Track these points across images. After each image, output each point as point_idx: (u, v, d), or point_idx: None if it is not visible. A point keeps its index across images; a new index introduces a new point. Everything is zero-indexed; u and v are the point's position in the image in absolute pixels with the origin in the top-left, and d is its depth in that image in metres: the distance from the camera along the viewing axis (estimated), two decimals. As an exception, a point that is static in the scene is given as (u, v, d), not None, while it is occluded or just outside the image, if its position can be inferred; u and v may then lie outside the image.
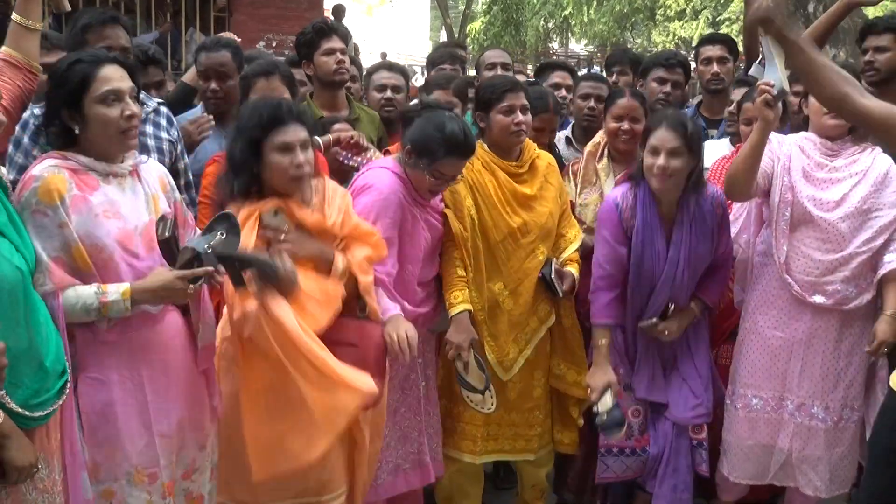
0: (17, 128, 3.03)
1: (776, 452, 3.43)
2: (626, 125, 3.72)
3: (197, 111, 4.08)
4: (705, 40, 5.04)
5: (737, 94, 4.22)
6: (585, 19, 24.39)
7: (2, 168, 2.56)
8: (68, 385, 2.37)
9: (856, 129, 3.41)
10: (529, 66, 27.60)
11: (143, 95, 3.56)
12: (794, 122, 3.97)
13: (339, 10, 12.52)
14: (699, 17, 23.26)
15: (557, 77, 4.76)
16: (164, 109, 3.62)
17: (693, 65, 5.35)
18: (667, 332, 3.46)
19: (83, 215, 2.45)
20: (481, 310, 3.40)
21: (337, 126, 3.67)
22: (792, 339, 3.38)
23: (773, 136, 3.46)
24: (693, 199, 3.43)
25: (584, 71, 22.91)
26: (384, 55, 21.88)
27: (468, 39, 26.08)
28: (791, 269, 3.36)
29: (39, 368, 2.25)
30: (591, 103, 4.22)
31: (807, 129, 3.54)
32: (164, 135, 3.52)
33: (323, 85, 4.17)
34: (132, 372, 2.54)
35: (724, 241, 3.53)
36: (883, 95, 3.90)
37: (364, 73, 5.11)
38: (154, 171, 2.77)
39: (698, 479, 3.73)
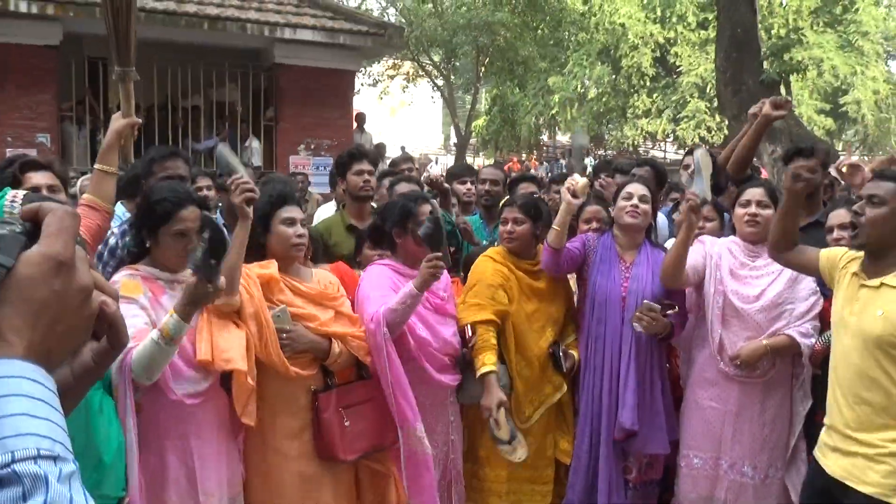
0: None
1: (714, 502, 3.43)
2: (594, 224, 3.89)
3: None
4: (690, 150, 5.15)
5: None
6: (569, 117, 24.62)
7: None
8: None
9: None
10: (523, 154, 28.07)
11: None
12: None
13: (361, 117, 12.79)
14: (662, 115, 23.49)
15: (523, 188, 4.83)
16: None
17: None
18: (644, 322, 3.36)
19: (157, 312, 2.58)
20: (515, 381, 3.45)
21: None
22: (724, 409, 3.40)
23: (707, 238, 3.58)
24: (649, 245, 3.60)
25: (564, 160, 23.15)
26: (403, 148, 22.22)
27: (472, 134, 26.44)
28: (721, 351, 3.40)
29: (99, 463, 2.31)
30: None
31: None
32: None
33: (353, 199, 4.31)
34: (184, 441, 2.63)
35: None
36: (804, 207, 3.99)
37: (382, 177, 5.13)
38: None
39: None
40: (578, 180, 3.45)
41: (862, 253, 2.75)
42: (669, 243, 4.08)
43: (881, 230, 2.62)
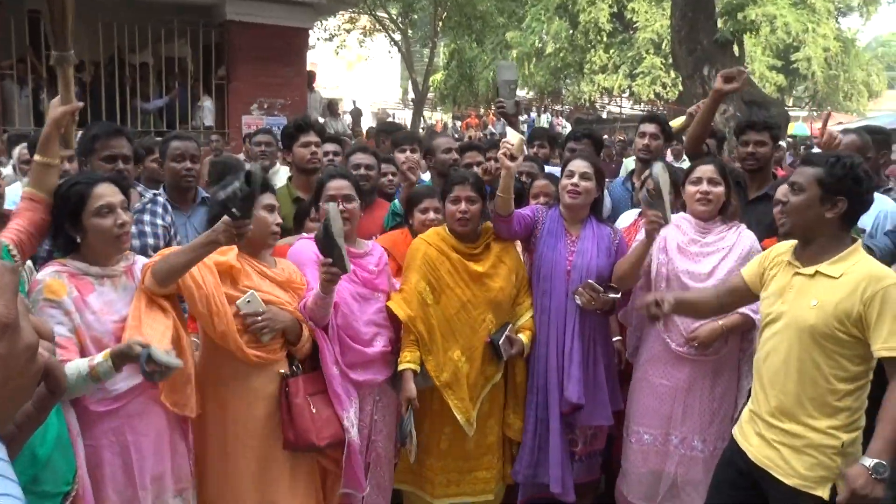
0: None
1: (664, 477, 3.44)
2: (542, 199, 3.82)
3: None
4: (645, 118, 5.03)
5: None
6: (527, 72, 24.41)
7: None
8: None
9: (725, 211, 3.47)
10: (482, 109, 27.82)
11: (140, 188, 3.57)
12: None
13: (310, 75, 12.44)
14: (618, 70, 23.43)
15: (469, 157, 4.72)
16: (160, 199, 3.60)
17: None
18: (584, 299, 3.35)
19: (83, 313, 2.45)
20: (450, 374, 3.33)
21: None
22: (675, 386, 3.40)
23: None
24: (594, 220, 3.55)
25: (525, 116, 23.04)
26: (354, 102, 21.84)
27: (430, 89, 26.08)
28: (669, 329, 3.38)
29: (33, 458, 2.20)
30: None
31: None
32: (159, 221, 3.51)
33: (299, 171, 4.17)
34: (118, 436, 2.53)
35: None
36: (753, 179, 3.98)
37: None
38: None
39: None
40: (512, 139, 3.27)
41: (790, 243, 2.72)
42: (629, 215, 4.05)
43: (803, 217, 2.56)
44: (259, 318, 2.82)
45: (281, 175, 5.03)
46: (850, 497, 2.33)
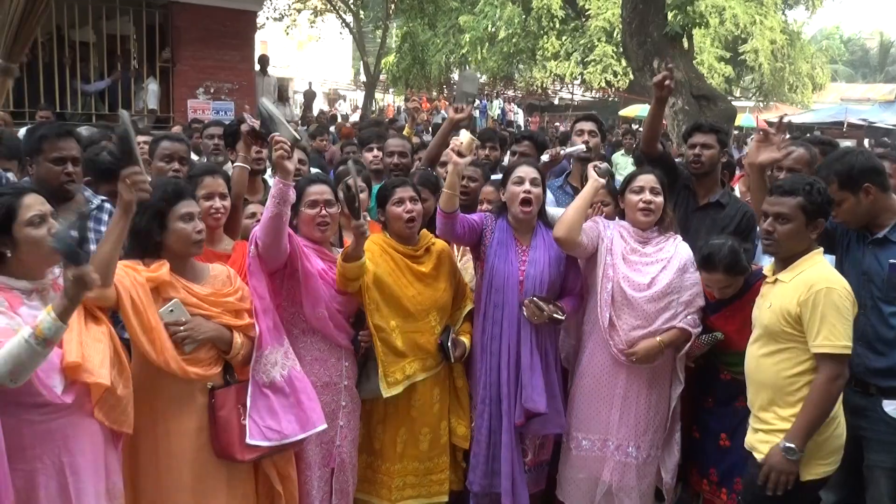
0: None
1: (600, 484, 3.48)
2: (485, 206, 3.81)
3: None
4: (582, 118, 5.05)
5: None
6: (480, 57, 24.37)
7: None
8: None
9: (662, 221, 3.50)
10: (434, 92, 27.70)
11: (88, 193, 3.44)
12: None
13: (264, 59, 12.21)
14: (570, 58, 23.53)
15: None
16: (107, 206, 3.47)
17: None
18: (529, 312, 3.36)
19: (14, 322, 2.35)
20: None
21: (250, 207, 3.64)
22: (612, 393, 3.44)
23: (599, 219, 3.57)
24: (543, 227, 3.53)
25: (477, 101, 22.99)
26: (310, 84, 21.57)
27: (382, 71, 25.87)
28: (612, 334, 3.40)
29: None
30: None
31: None
32: (103, 228, 3.38)
33: None
34: (52, 458, 2.42)
35: (572, 269, 3.56)
36: (701, 183, 4.01)
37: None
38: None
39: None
40: (462, 138, 3.30)
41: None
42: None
43: (793, 243, 2.90)
44: (181, 327, 2.76)
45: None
46: (768, 471, 2.81)
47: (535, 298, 3.35)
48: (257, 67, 11.66)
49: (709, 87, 12.56)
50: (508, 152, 5.07)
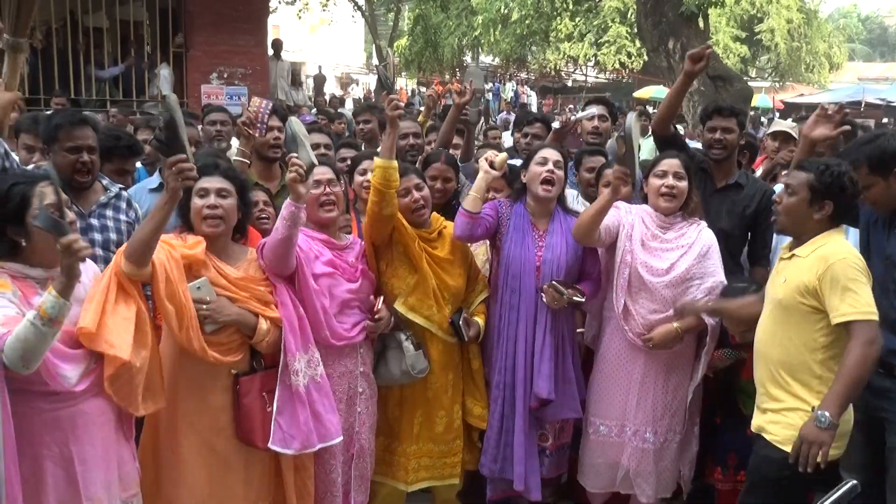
0: None
1: (620, 468, 3.49)
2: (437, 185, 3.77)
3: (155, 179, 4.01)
4: (592, 100, 4.97)
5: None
6: (493, 39, 24.24)
7: None
8: None
9: (686, 206, 3.47)
10: (447, 75, 27.56)
11: (106, 181, 3.45)
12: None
13: (277, 44, 12.18)
14: (584, 39, 23.38)
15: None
16: (125, 194, 3.47)
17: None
18: (549, 297, 3.35)
19: (27, 311, 2.35)
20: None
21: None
22: (630, 379, 3.44)
23: (622, 204, 3.48)
24: (562, 212, 3.52)
25: (490, 84, 22.90)
26: (320, 68, 21.48)
27: (395, 54, 25.77)
28: (627, 320, 3.39)
29: None
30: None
31: None
32: (122, 217, 3.39)
33: (260, 157, 4.05)
34: (61, 448, 2.45)
35: (589, 254, 3.53)
36: (720, 166, 3.95)
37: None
38: (90, 270, 2.67)
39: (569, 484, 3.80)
40: (500, 156, 3.39)
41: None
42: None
43: (793, 216, 2.84)
44: (204, 306, 2.77)
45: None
46: (798, 444, 2.65)
47: (554, 283, 3.34)
48: (270, 52, 11.63)
49: (724, 68, 12.43)
50: (516, 133, 5.01)
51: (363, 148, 4.86)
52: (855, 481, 1.09)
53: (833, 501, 1.04)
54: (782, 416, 2.79)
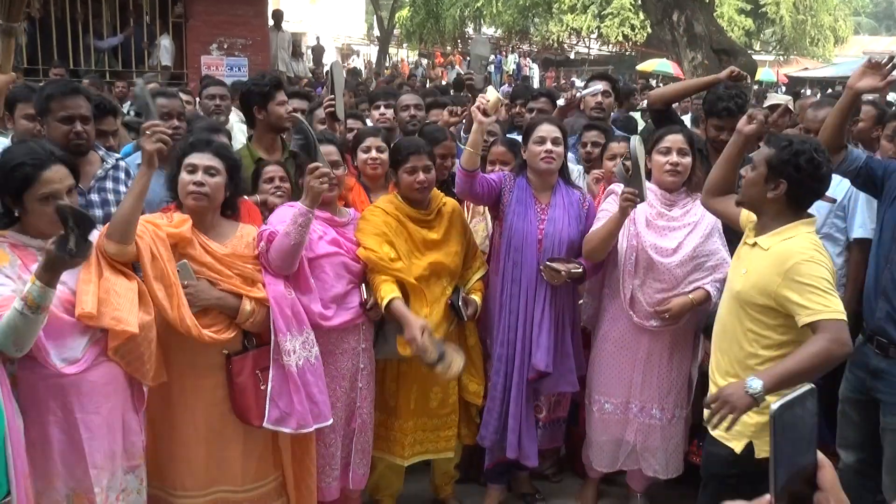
0: None
1: (623, 444, 3.51)
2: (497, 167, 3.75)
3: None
4: (596, 76, 4.88)
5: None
6: (495, 10, 24.02)
7: None
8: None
9: (690, 182, 3.44)
10: (448, 47, 27.34)
11: (102, 153, 3.41)
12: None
13: (278, 14, 12.06)
14: (587, 11, 23.14)
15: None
16: (122, 164, 3.43)
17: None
18: (548, 275, 3.33)
19: (24, 280, 2.35)
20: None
21: (269, 168, 3.60)
22: (634, 357, 3.43)
23: (618, 187, 3.42)
24: (563, 185, 3.51)
25: (493, 56, 22.69)
26: (318, 39, 21.29)
27: (396, 26, 25.54)
28: (633, 303, 3.38)
29: None
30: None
31: None
32: (122, 188, 3.34)
33: (269, 129, 4.02)
34: (66, 414, 2.47)
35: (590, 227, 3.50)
36: (719, 150, 3.89)
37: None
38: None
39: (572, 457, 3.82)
40: (490, 97, 3.26)
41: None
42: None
43: (749, 192, 2.69)
44: (184, 289, 2.75)
45: (236, 131, 4.83)
46: (716, 396, 2.44)
47: (548, 263, 3.33)
48: (271, 22, 11.53)
49: (729, 41, 12.29)
50: (521, 108, 4.99)
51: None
52: (812, 385, 1.07)
53: (789, 401, 1.03)
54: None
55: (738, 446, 2.66)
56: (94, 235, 2.38)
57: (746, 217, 2.86)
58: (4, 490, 2.25)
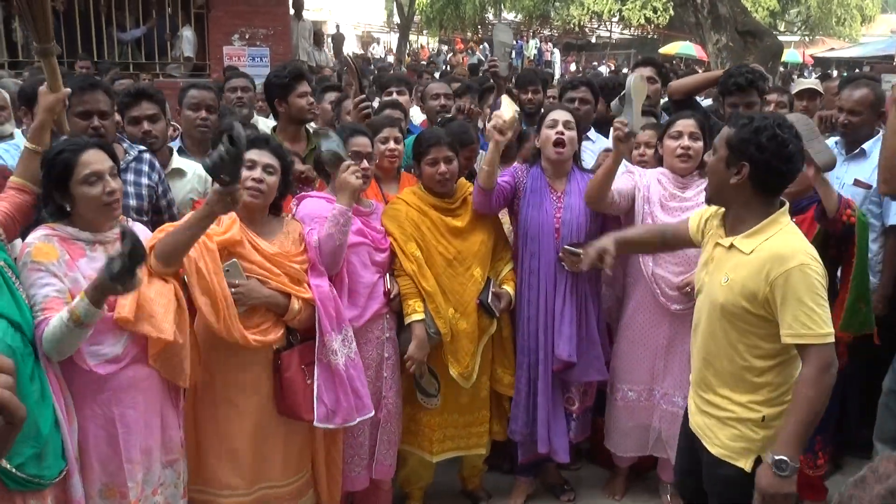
0: None
1: (651, 430, 3.50)
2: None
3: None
4: (641, 62, 4.90)
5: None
6: (515, -5, 23.87)
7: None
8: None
9: (703, 165, 3.39)
10: (469, 33, 27.19)
11: (126, 145, 3.41)
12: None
13: (298, 3, 12.00)
14: (609, -6, 22.91)
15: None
16: (146, 156, 3.42)
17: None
18: (568, 262, 3.33)
19: (71, 277, 2.39)
20: (447, 333, 3.30)
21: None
22: (656, 345, 3.43)
23: (636, 169, 3.50)
24: (578, 171, 3.49)
25: (514, 42, 22.52)
26: (338, 27, 21.27)
27: (416, 12, 25.42)
28: (657, 282, 3.36)
29: (37, 435, 2.19)
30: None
31: None
32: (144, 180, 3.35)
33: (291, 121, 4.02)
34: (103, 409, 2.49)
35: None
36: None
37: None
38: (140, 234, 2.66)
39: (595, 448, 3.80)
40: (505, 115, 3.23)
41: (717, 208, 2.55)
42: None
43: (713, 180, 2.43)
44: (234, 289, 2.77)
45: (261, 126, 4.82)
46: (763, 499, 2.24)
47: (567, 247, 3.31)
48: (292, 12, 11.50)
49: (754, 22, 12.08)
50: (532, 95, 4.91)
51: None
52: None
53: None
54: (731, 427, 2.43)
55: (747, 464, 2.39)
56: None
57: (696, 226, 2.65)
58: (60, 466, 2.30)
